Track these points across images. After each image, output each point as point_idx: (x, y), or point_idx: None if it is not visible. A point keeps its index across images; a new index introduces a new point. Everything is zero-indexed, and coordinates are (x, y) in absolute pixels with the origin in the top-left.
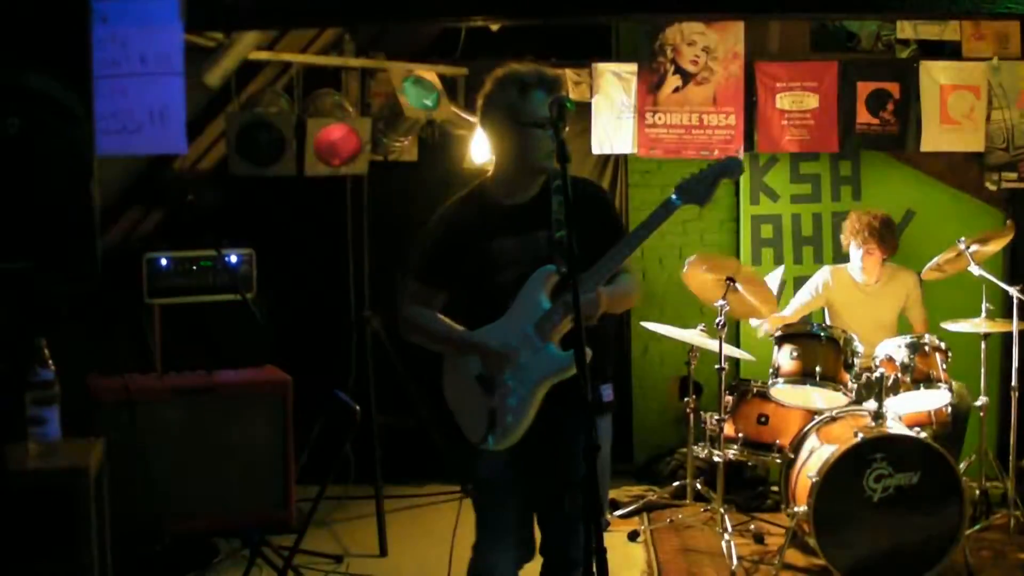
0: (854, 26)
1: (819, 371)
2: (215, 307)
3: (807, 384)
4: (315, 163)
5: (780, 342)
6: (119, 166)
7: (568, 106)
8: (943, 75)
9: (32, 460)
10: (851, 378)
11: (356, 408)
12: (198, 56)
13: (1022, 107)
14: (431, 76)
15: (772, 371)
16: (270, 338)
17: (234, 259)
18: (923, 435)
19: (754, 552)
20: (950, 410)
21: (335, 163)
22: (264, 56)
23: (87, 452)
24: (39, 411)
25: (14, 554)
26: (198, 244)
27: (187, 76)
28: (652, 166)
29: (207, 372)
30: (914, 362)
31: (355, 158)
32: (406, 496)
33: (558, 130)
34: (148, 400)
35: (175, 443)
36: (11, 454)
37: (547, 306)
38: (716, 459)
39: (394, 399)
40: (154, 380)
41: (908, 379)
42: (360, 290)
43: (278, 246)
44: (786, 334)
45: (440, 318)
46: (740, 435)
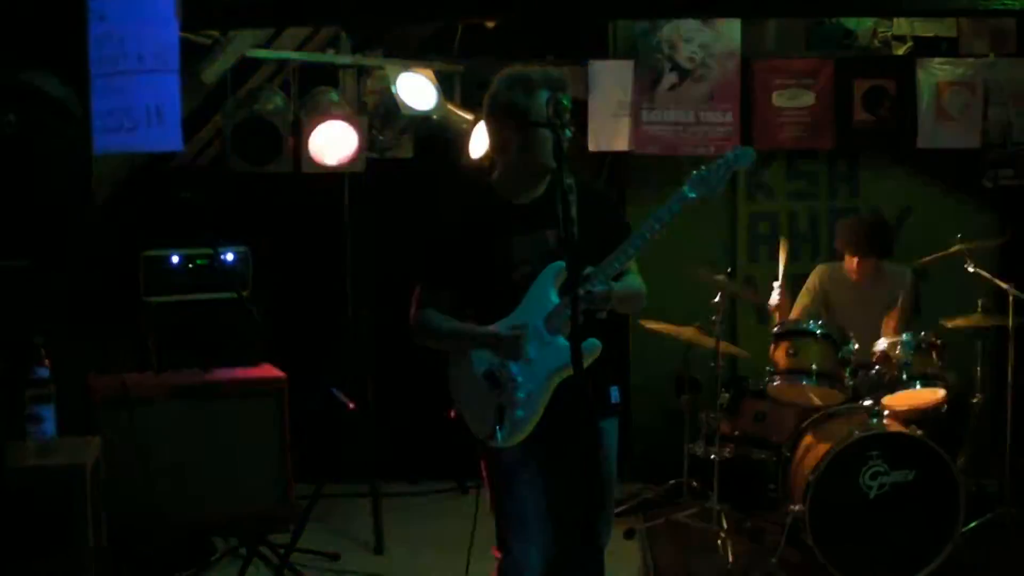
0: (851, 23)
1: (815, 368)
2: (212, 305)
3: (804, 381)
4: (311, 161)
5: (777, 339)
6: (116, 163)
7: (564, 103)
8: (940, 72)
9: (30, 458)
10: (847, 375)
11: (352, 406)
12: (195, 54)
13: (1019, 104)
14: (427, 74)
15: (769, 368)
16: (266, 336)
17: (230, 257)
18: (919, 432)
19: (750, 550)
20: (946, 407)
21: (331, 161)
22: (260, 54)
23: (84, 450)
24: (37, 409)
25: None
26: (195, 242)
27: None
28: (649, 163)
29: (204, 370)
30: (910, 359)
31: (351, 156)
32: (402, 494)
33: (555, 127)
34: (145, 398)
35: (172, 441)
36: (9, 452)
37: (556, 301)
38: (712, 457)
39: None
40: (151, 378)
41: (904, 376)
42: (356, 287)
43: (274, 244)
44: (783, 332)
45: (447, 317)
46: (737, 433)
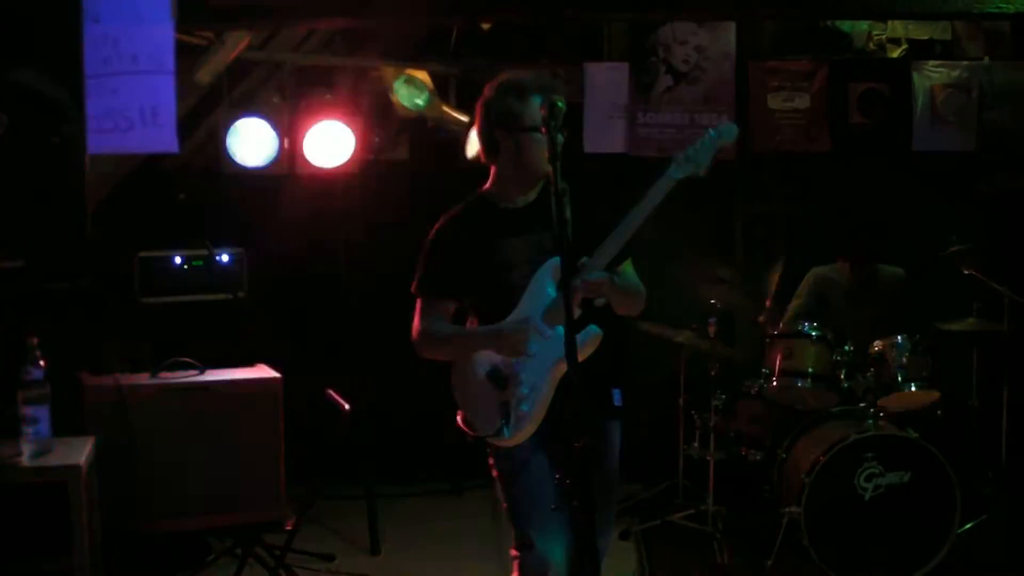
0: (846, 26)
1: (811, 370)
2: (207, 306)
3: (799, 383)
4: (306, 162)
5: (772, 342)
6: (111, 164)
7: (559, 106)
8: (935, 75)
9: (24, 459)
10: (843, 377)
11: (347, 407)
12: (190, 55)
13: (1014, 107)
14: (422, 75)
15: (764, 370)
16: (261, 337)
17: (225, 258)
18: (914, 434)
19: (745, 551)
20: (941, 409)
21: (326, 162)
22: (256, 55)
23: (79, 451)
24: (31, 410)
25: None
26: (190, 243)
27: (179, 75)
28: (643, 166)
29: (198, 371)
30: (905, 361)
31: (346, 157)
32: (398, 495)
33: (550, 129)
34: (140, 399)
35: (167, 442)
36: (3, 452)
37: (554, 294)
38: (708, 458)
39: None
40: (146, 379)
41: (899, 378)
42: (351, 288)
43: (269, 245)
44: (778, 334)
45: (448, 324)
46: (732, 434)
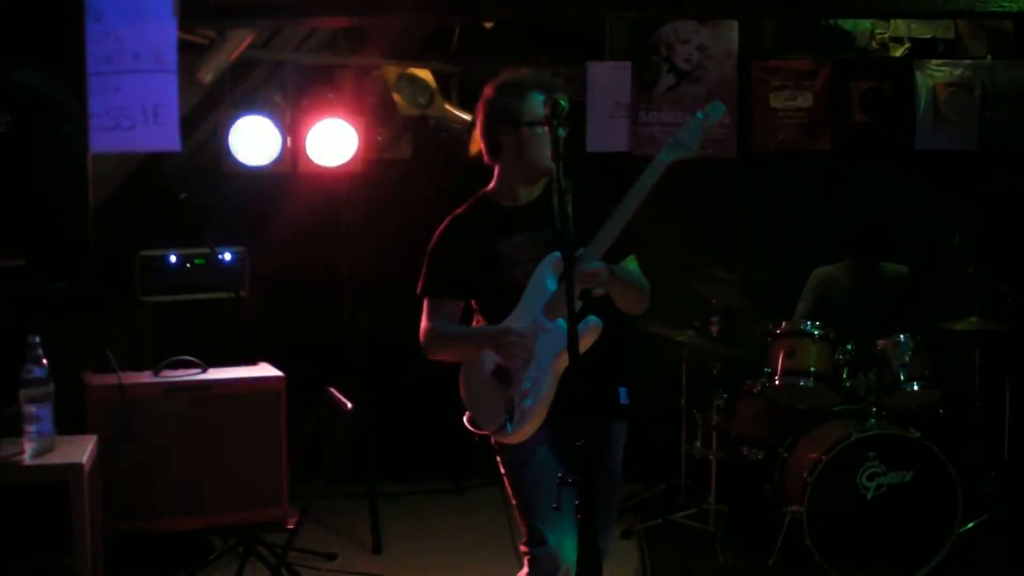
0: (848, 25)
1: (813, 370)
2: (209, 304)
3: (801, 383)
4: (309, 161)
5: (774, 340)
6: (113, 163)
7: (562, 104)
8: (937, 74)
9: (26, 457)
10: (845, 377)
11: (349, 406)
12: (192, 53)
13: (1016, 106)
14: (425, 74)
15: (766, 370)
16: (264, 335)
17: (228, 256)
18: (916, 434)
19: (747, 551)
20: (943, 408)
21: (328, 161)
22: (258, 54)
23: (81, 449)
24: (33, 408)
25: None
26: (192, 241)
27: (181, 73)
28: (646, 164)
29: (200, 369)
30: (908, 360)
31: (349, 156)
32: (400, 494)
33: (553, 127)
34: (142, 397)
35: (169, 440)
36: (5, 451)
37: (554, 288)
38: (710, 457)
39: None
40: (148, 377)
41: (902, 377)
42: (354, 288)
43: (272, 244)
44: (780, 333)
45: (453, 323)
46: (734, 433)
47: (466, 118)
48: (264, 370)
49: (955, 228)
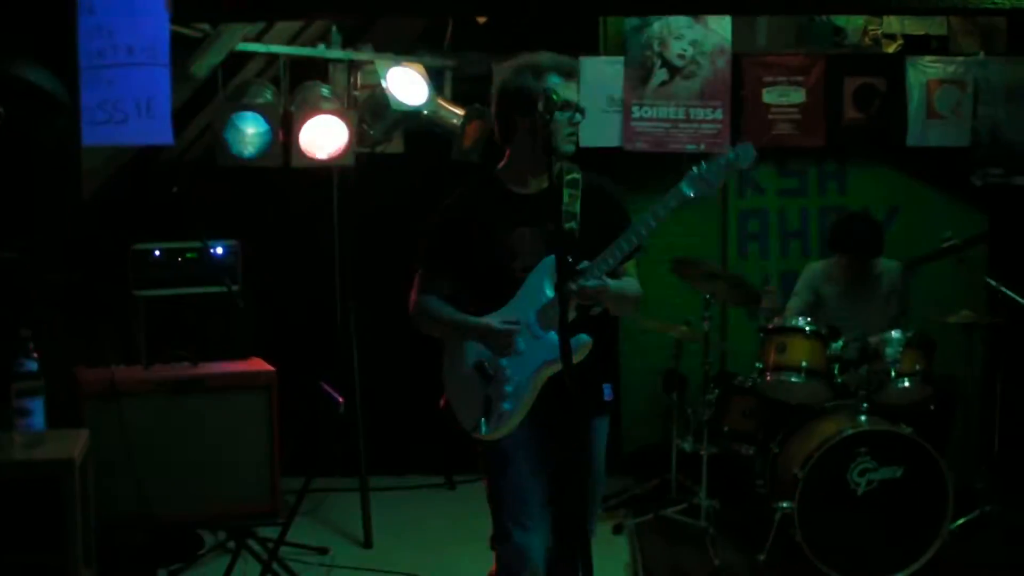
0: (841, 21)
1: (805, 365)
2: (201, 299)
3: (793, 378)
4: (301, 155)
5: (766, 336)
6: (105, 156)
7: (554, 98)
8: (930, 70)
9: (17, 451)
10: (836, 372)
11: (341, 400)
12: (185, 47)
13: (1008, 103)
14: (418, 68)
15: (758, 365)
16: (256, 330)
17: (220, 251)
18: (907, 430)
19: (738, 546)
20: (935, 404)
21: (321, 155)
22: (251, 47)
23: (72, 443)
24: (25, 402)
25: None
26: (184, 236)
27: (173, 67)
28: (638, 160)
29: (192, 364)
30: (899, 356)
31: (341, 150)
32: (391, 488)
33: (545, 123)
34: (133, 392)
35: (160, 435)
36: None
37: (550, 295)
38: (701, 453)
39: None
40: (139, 372)
41: (893, 373)
42: (345, 282)
43: (264, 238)
44: (772, 328)
45: (445, 304)
46: (725, 429)
47: (459, 112)
48: (255, 364)
49: (946, 224)
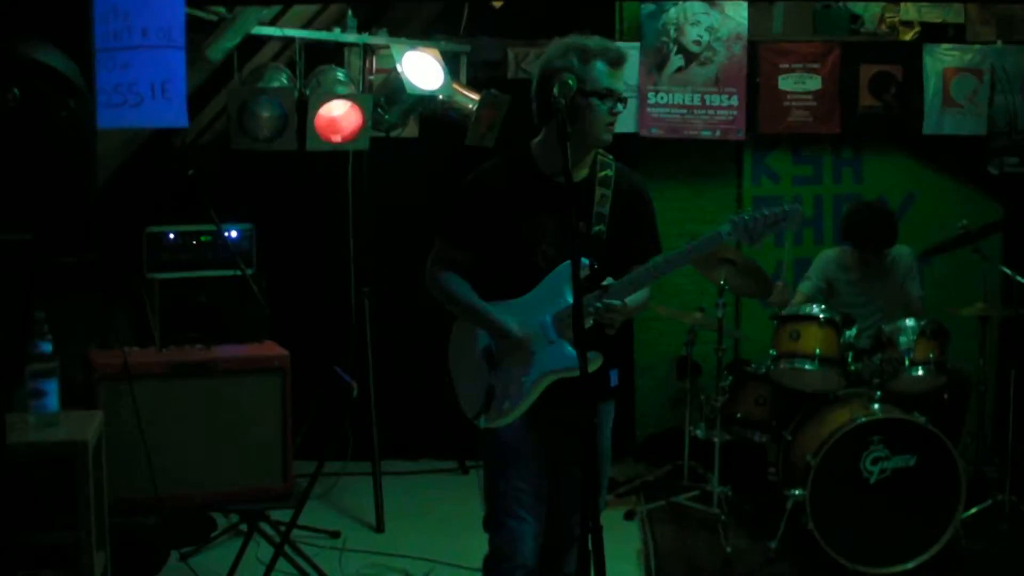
0: (858, 8)
1: (818, 353)
2: (215, 282)
3: (806, 366)
4: (316, 139)
5: (780, 323)
6: (120, 139)
7: (571, 84)
8: (946, 58)
9: (32, 432)
10: (850, 360)
11: (354, 384)
12: (200, 30)
13: None
14: (433, 53)
15: (771, 352)
16: (269, 313)
17: (234, 234)
18: (921, 418)
19: (750, 533)
20: (948, 394)
21: (336, 139)
22: (266, 31)
23: (86, 425)
24: (38, 384)
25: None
26: (198, 219)
27: (189, 50)
28: (654, 145)
29: (206, 347)
30: (913, 345)
31: (356, 134)
32: (403, 472)
33: (560, 109)
34: (147, 374)
35: (173, 417)
36: (11, 426)
37: (570, 300)
38: (714, 440)
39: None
40: (153, 354)
41: (907, 362)
42: (360, 266)
43: (278, 222)
44: (786, 315)
45: (464, 284)
46: (738, 416)
47: (474, 97)
48: (269, 348)
49: (962, 213)
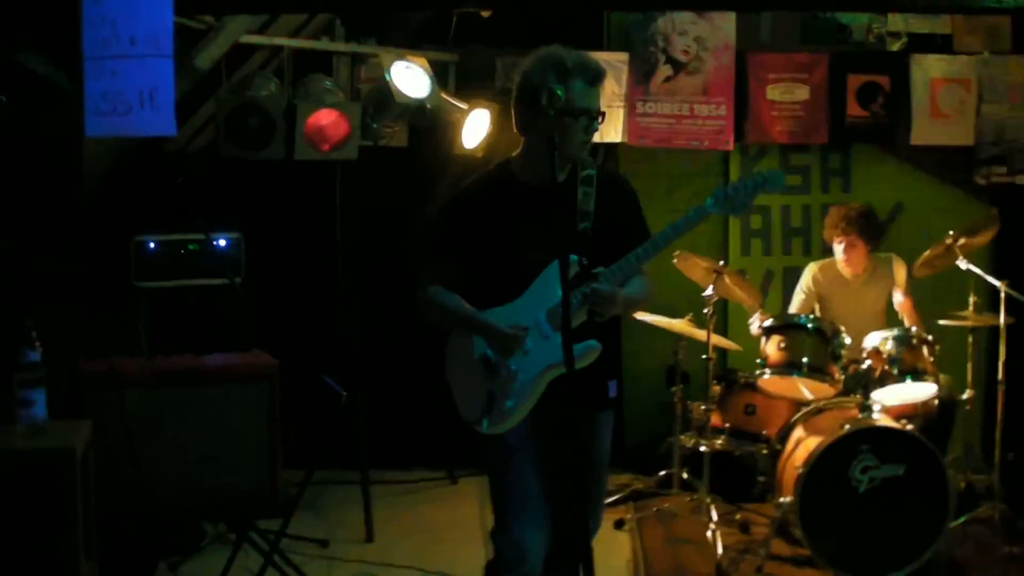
0: (845, 18)
1: (807, 362)
2: (203, 290)
3: (794, 375)
4: (304, 147)
5: (768, 333)
6: (108, 147)
7: (559, 94)
8: (934, 68)
9: (19, 441)
10: (838, 369)
11: (343, 393)
12: (188, 38)
13: (1012, 101)
14: (422, 62)
15: (760, 361)
16: (258, 322)
17: (223, 243)
18: (909, 427)
19: (740, 542)
20: (937, 403)
21: (324, 148)
22: (255, 40)
23: (74, 434)
24: (26, 393)
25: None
26: (186, 227)
27: (177, 58)
28: (642, 155)
29: (194, 355)
30: (901, 354)
31: (344, 143)
32: (393, 481)
33: (549, 118)
34: (135, 383)
35: (162, 426)
36: None
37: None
38: (703, 449)
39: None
40: (141, 363)
41: (895, 371)
42: (348, 275)
43: (267, 230)
44: (774, 325)
45: (454, 295)
46: (727, 425)
47: (462, 107)
48: (258, 357)
49: (951, 223)
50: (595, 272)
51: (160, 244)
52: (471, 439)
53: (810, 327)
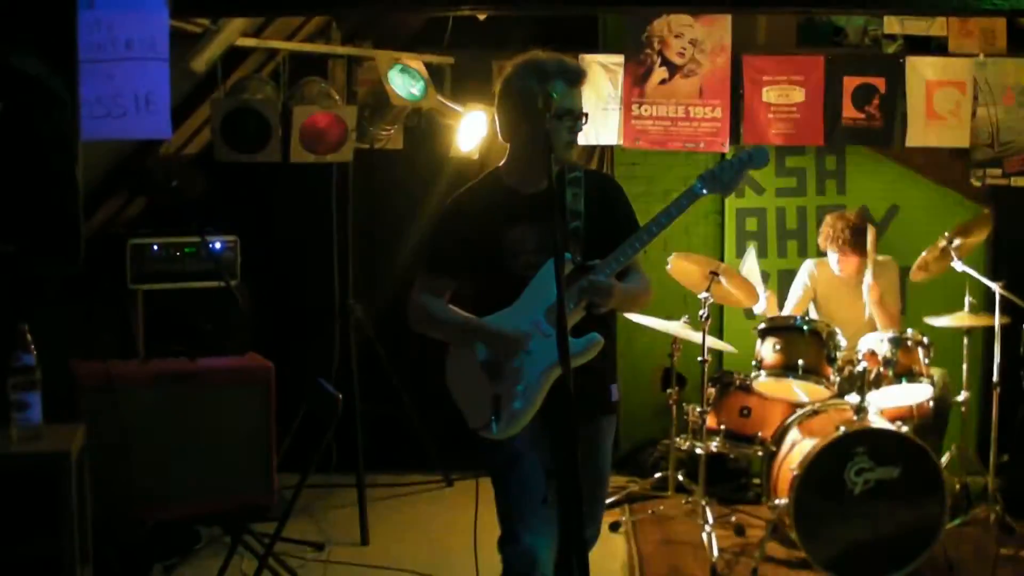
0: (841, 20)
1: (802, 364)
2: (199, 294)
3: (790, 377)
4: (300, 150)
5: (763, 335)
6: (104, 150)
7: (554, 97)
8: (929, 71)
9: (14, 444)
10: (833, 371)
11: (339, 396)
12: (184, 42)
13: (1007, 104)
14: (418, 65)
15: (755, 364)
16: (253, 325)
17: (218, 246)
18: (904, 429)
19: (735, 544)
20: (932, 404)
21: (320, 151)
22: (250, 43)
23: (69, 437)
24: (21, 396)
25: None
26: (182, 230)
27: (173, 62)
28: (638, 158)
29: (190, 358)
30: (896, 356)
31: (340, 146)
32: (388, 485)
33: (545, 120)
34: (130, 386)
35: (157, 429)
36: None
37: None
38: (698, 451)
39: (377, 387)
40: (136, 366)
41: (890, 373)
42: (344, 278)
43: (263, 233)
44: (769, 327)
45: (449, 306)
46: (722, 427)
47: (458, 110)
48: (253, 360)
49: (947, 225)
50: (590, 265)
51: (156, 247)
52: (467, 442)
53: (805, 329)
